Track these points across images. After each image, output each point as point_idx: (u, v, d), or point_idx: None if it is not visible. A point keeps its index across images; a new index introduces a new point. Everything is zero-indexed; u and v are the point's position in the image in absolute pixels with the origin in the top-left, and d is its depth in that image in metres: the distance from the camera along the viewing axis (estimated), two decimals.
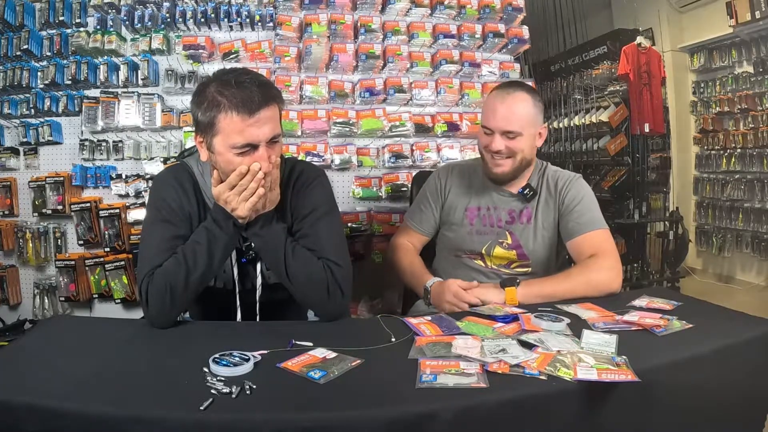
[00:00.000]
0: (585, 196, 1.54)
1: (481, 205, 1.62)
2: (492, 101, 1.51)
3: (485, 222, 1.61)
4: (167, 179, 1.30)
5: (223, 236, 1.20)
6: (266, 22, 2.37)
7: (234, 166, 1.15)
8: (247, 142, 1.13)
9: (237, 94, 1.11)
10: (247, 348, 1.00)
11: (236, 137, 1.12)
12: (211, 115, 1.13)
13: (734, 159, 4.46)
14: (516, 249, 1.59)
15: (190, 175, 1.31)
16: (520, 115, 1.48)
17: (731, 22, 4.10)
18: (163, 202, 1.26)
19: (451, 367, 0.95)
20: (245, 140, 1.13)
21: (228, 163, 1.16)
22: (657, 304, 1.30)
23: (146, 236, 1.27)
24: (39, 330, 1.29)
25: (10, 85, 2.37)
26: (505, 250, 1.59)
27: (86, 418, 0.82)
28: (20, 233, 2.41)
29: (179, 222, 1.25)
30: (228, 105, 1.11)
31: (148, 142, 2.41)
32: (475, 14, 2.52)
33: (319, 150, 2.39)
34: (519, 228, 1.59)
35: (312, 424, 0.83)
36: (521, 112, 1.48)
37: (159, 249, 1.21)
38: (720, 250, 4.63)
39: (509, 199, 1.60)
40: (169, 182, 1.29)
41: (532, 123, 1.50)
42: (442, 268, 1.71)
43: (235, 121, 1.11)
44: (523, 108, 1.48)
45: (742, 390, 1.09)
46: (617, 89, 4.22)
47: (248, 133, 1.12)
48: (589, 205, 1.53)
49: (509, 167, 1.52)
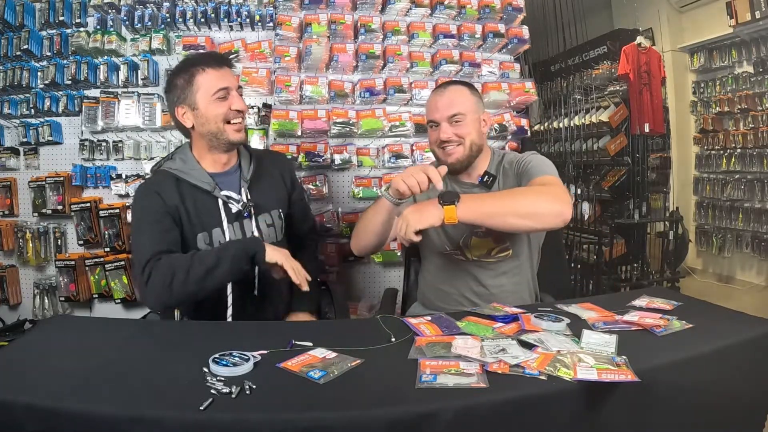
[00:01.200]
0: (536, 157, 1.58)
1: None
2: (432, 98, 1.63)
3: None
4: (144, 191, 1.46)
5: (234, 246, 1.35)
6: (266, 22, 2.37)
7: (216, 111, 1.41)
8: (224, 86, 1.41)
9: (203, 58, 1.45)
10: (247, 348, 1.01)
11: (216, 83, 1.40)
12: (189, 79, 1.41)
13: (734, 159, 4.46)
14: (491, 235, 1.59)
15: (168, 175, 1.46)
16: (460, 100, 1.57)
17: (731, 22, 4.11)
18: (145, 209, 1.41)
19: (451, 367, 0.95)
20: (222, 84, 1.41)
21: (211, 109, 1.41)
22: (657, 304, 1.31)
23: (136, 237, 1.40)
24: (39, 330, 1.29)
25: (10, 85, 2.37)
26: (481, 239, 1.60)
27: (86, 418, 0.82)
28: (20, 233, 2.41)
29: (164, 219, 1.39)
30: (202, 65, 1.41)
31: (148, 142, 2.41)
32: (475, 14, 2.52)
33: (319, 150, 2.39)
34: None
35: (312, 424, 0.83)
36: (460, 98, 1.58)
37: (153, 239, 1.35)
38: (720, 250, 4.63)
39: (472, 189, 1.62)
40: (146, 192, 1.44)
41: (473, 109, 1.58)
42: (429, 272, 1.73)
43: (210, 73, 1.41)
44: (461, 95, 1.58)
45: (742, 390, 1.09)
46: (617, 89, 4.22)
47: (223, 79, 1.42)
48: (540, 163, 1.54)
49: (462, 153, 1.57)
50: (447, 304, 1.61)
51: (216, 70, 1.41)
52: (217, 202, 1.46)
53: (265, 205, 1.55)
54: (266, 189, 1.57)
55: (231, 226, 1.47)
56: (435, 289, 1.68)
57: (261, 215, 1.54)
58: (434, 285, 1.69)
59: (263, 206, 1.54)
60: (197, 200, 1.44)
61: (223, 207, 1.47)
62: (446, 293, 1.65)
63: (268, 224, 1.55)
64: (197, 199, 1.44)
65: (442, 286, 1.66)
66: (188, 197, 1.44)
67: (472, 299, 1.59)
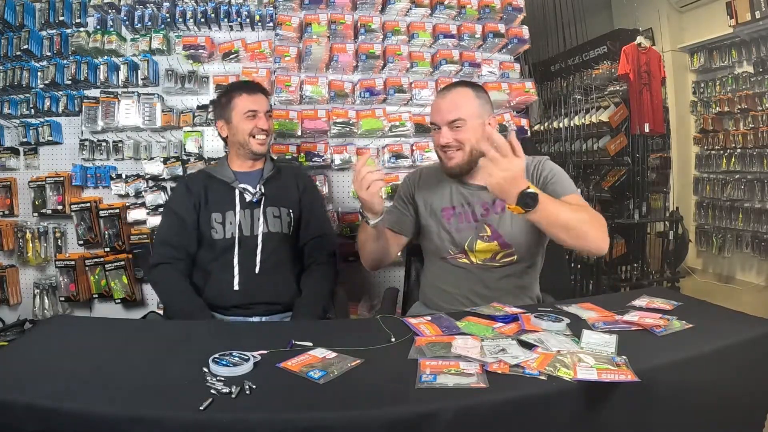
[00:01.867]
0: (559, 172, 1.58)
1: (455, 204, 1.64)
2: (435, 101, 1.61)
3: (462, 219, 1.62)
4: (177, 186, 1.92)
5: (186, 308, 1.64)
6: (266, 22, 2.37)
7: (244, 126, 1.77)
8: (254, 108, 1.77)
9: (243, 85, 1.87)
10: (247, 348, 1.01)
11: (248, 105, 1.77)
12: (229, 99, 1.80)
13: (734, 159, 4.46)
14: (497, 239, 1.59)
15: (203, 173, 1.88)
16: (462, 105, 1.54)
17: (731, 22, 4.11)
18: (173, 197, 1.86)
19: (450, 367, 0.95)
20: (253, 107, 1.77)
21: (241, 125, 1.77)
22: (657, 304, 1.31)
23: (162, 219, 1.86)
24: (39, 330, 1.29)
25: (10, 85, 2.37)
26: (487, 243, 1.60)
27: (86, 418, 0.82)
28: (20, 233, 2.41)
29: (182, 210, 1.76)
30: (240, 90, 1.81)
31: (148, 142, 2.41)
32: (475, 14, 2.52)
33: (319, 150, 2.39)
34: (495, 218, 1.59)
35: (312, 424, 0.83)
36: (462, 102, 1.55)
37: (171, 231, 1.74)
38: (720, 250, 4.63)
39: (479, 192, 1.62)
40: (178, 188, 1.88)
41: (476, 114, 1.55)
42: (432, 273, 1.72)
43: (245, 98, 1.78)
44: (464, 99, 1.55)
45: (742, 390, 1.09)
46: (617, 89, 4.22)
47: (254, 103, 1.78)
48: (564, 179, 1.56)
49: (461, 158, 1.56)
50: (449, 304, 1.61)
51: (249, 96, 1.78)
52: (234, 192, 1.78)
53: (277, 200, 1.81)
54: (280, 188, 1.84)
55: (242, 211, 1.76)
56: (438, 290, 1.68)
57: (270, 207, 1.79)
58: (437, 285, 1.69)
59: (274, 200, 1.81)
60: (218, 189, 1.79)
61: (239, 196, 1.77)
62: (449, 294, 1.64)
63: (275, 215, 1.79)
64: (219, 188, 1.79)
65: (445, 287, 1.66)
66: (211, 186, 1.79)
67: (475, 301, 1.59)
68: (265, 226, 1.76)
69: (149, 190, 2.37)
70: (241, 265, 1.72)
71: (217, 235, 1.73)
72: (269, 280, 1.74)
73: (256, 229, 1.75)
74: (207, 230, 1.74)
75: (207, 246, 1.75)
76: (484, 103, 1.58)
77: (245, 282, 1.72)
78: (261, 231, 1.75)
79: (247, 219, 1.75)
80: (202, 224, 1.74)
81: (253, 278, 1.72)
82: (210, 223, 1.74)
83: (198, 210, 1.76)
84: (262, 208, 1.78)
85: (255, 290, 1.72)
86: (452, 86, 1.63)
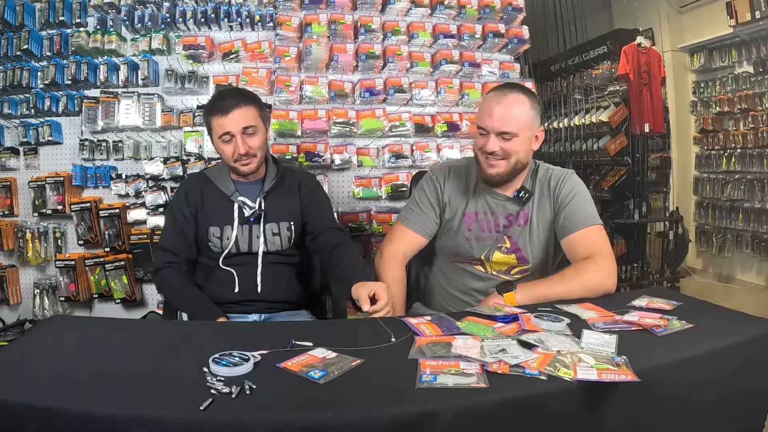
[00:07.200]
0: (578, 193, 1.53)
1: (479, 210, 1.60)
2: (489, 102, 1.49)
3: (483, 227, 1.59)
4: (177, 191, 1.80)
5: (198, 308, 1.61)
6: (266, 22, 2.37)
7: (224, 151, 1.63)
8: (226, 131, 1.60)
9: (215, 105, 1.63)
10: (247, 348, 1.00)
11: (219, 130, 1.61)
12: (206, 121, 1.67)
13: (734, 159, 4.46)
14: (515, 252, 1.57)
15: (203, 177, 1.76)
16: (517, 116, 1.45)
17: (731, 22, 4.11)
18: (173, 205, 1.77)
19: (451, 367, 0.95)
20: (225, 130, 1.60)
21: (220, 149, 1.65)
22: (657, 304, 1.30)
23: (165, 224, 1.80)
24: (39, 330, 1.29)
25: (10, 85, 2.37)
26: (504, 255, 1.57)
27: (86, 418, 0.82)
28: (20, 233, 2.41)
29: (181, 218, 1.70)
30: (213, 112, 1.62)
31: (148, 142, 2.42)
32: (475, 14, 2.52)
33: (319, 150, 2.39)
34: (516, 231, 1.57)
35: (312, 424, 0.82)
36: (517, 113, 1.45)
37: (173, 237, 1.69)
38: (720, 250, 4.63)
39: (506, 203, 1.58)
40: (178, 193, 1.78)
41: (528, 126, 1.48)
42: (441, 273, 1.70)
43: (217, 121, 1.61)
44: (520, 110, 1.46)
45: (742, 390, 1.09)
46: (617, 89, 4.22)
47: (227, 125, 1.60)
48: (582, 201, 1.52)
49: (504, 168, 1.50)
50: (454, 306, 1.61)
51: (222, 117, 1.60)
52: (233, 206, 1.68)
53: (276, 215, 1.72)
54: (280, 201, 1.74)
55: (240, 227, 1.68)
56: (446, 294, 1.67)
57: (269, 224, 1.71)
58: (446, 289, 1.67)
59: (273, 216, 1.71)
60: (217, 200, 1.70)
61: (238, 210, 1.68)
62: (459, 299, 1.63)
63: (273, 233, 1.71)
64: (217, 200, 1.70)
65: (455, 292, 1.65)
66: (210, 197, 1.71)
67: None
68: (265, 246, 1.70)
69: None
70: (240, 277, 1.69)
71: (216, 249, 1.70)
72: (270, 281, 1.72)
73: (255, 247, 1.69)
74: (205, 242, 1.70)
75: (206, 255, 1.73)
76: (536, 115, 1.50)
77: (245, 283, 1.70)
78: (261, 251, 1.70)
79: (245, 235, 1.69)
80: (200, 236, 1.70)
81: (253, 285, 1.71)
82: (208, 236, 1.69)
83: (196, 218, 1.71)
84: (262, 225, 1.70)
85: (255, 291, 1.71)
86: (508, 89, 1.50)
